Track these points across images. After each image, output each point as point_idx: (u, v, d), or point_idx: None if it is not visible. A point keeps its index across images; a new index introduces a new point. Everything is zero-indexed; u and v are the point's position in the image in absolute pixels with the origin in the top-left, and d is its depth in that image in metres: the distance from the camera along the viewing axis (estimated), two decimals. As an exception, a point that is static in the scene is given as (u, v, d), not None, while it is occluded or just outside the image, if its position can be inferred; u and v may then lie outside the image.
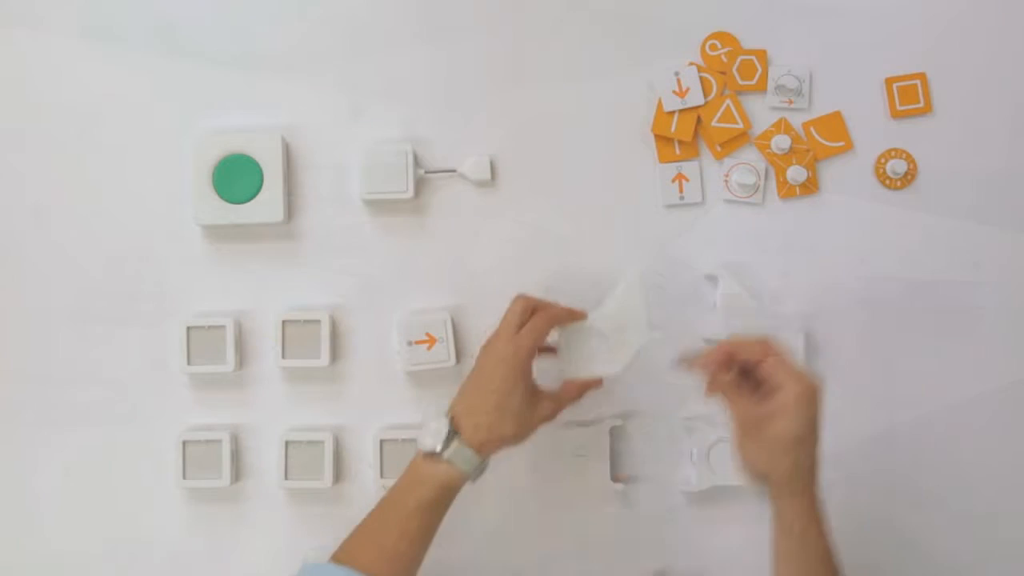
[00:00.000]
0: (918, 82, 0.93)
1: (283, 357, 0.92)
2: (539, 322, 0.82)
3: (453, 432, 0.78)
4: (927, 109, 0.94)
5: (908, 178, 0.94)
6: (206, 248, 0.95)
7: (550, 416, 0.83)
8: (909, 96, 0.94)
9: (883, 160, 0.94)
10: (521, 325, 0.81)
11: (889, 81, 0.94)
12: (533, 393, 0.81)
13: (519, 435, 0.81)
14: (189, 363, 0.92)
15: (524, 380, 0.80)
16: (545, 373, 0.84)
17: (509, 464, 0.94)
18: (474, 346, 0.94)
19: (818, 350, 0.94)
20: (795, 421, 0.73)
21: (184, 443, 0.92)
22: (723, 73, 0.94)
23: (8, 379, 0.95)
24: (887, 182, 0.95)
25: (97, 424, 0.94)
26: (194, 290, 0.94)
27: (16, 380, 0.95)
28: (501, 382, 0.79)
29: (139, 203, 0.95)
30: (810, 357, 0.93)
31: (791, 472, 0.75)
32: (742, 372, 0.77)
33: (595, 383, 0.86)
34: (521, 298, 0.83)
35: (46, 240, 0.95)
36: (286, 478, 0.92)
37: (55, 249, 0.95)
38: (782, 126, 0.94)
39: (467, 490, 0.92)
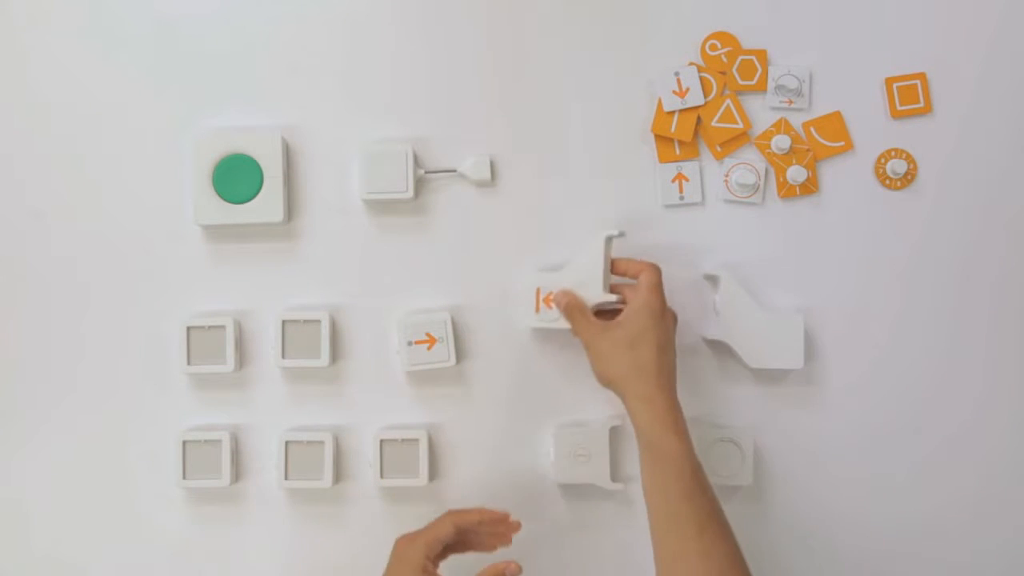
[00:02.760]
0: (918, 82, 0.93)
1: (283, 357, 0.92)
2: (437, 530, 0.82)
3: None
4: (927, 109, 0.94)
5: (908, 178, 0.94)
6: (206, 248, 0.95)
7: None
8: (909, 96, 0.94)
9: (883, 160, 0.94)
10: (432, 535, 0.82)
11: (889, 81, 0.94)
12: None
13: None
14: (189, 363, 0.92)
15: None
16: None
17: (509, 464, 0.94)
18: (474, 346, 0.94)
19: (818, 350, 0.94)
20: (628, 321, 0.82)
21: (184, 443, 0.92)
22: (723, 73, 0.94)
23: (8, 379, 0.95)
24: (887, 182, 0.95)
25: (97, 424, 0.94)
26: (194, 290, 0.94)
27: (15, 380, 0.95)
28: None
29: (139, 203, 0.95)
30: (810, 356, 0.93)
31: (629, 375, 0.80)
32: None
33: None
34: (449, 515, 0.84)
35: (46, 240, 0.95)
36: (286, 478, 0.92)
37: (55, 249, 0.95)
38: (782, 126, 0.94)
39: (467, 489, 0.92)
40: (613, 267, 0.88)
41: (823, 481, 0.94)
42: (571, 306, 0.86)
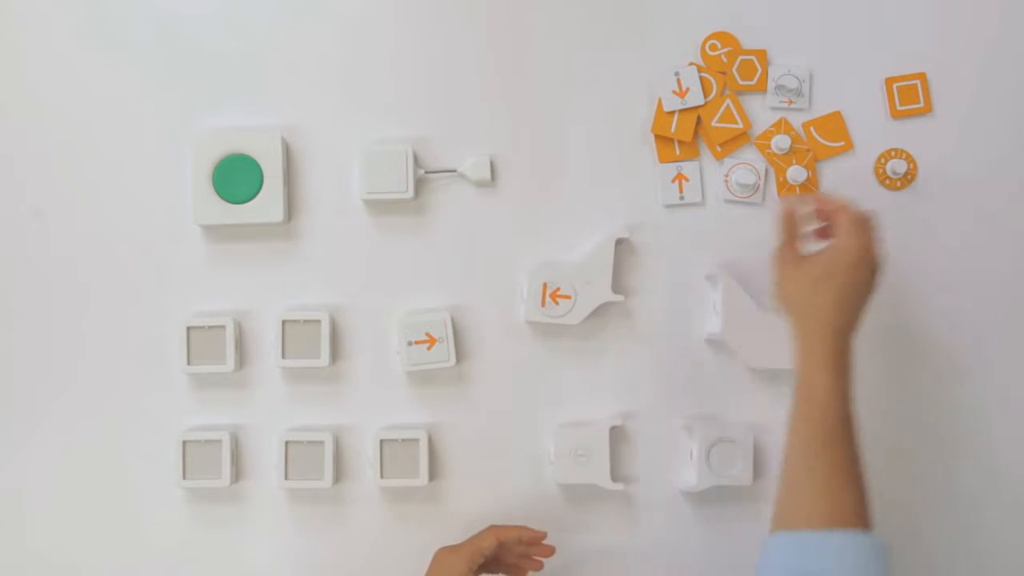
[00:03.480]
0: (918, 82, 0.93)
1: (283, 357, 0.92)
2: (480, 542, 0.84)
3: None
4: (927, 109, 0.94)
5: (908, 178, 0.94)
6: (206, 248, 0.95)
7: None
8: (909, 96, 0.94)
9: (883, 160, 0.94)
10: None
11: (889, 81, 0.94)
12: None
13: None
14: (189, 363, 0.92)
15: None
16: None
17: (509, 464, 0.94)
18: (474, 346, 0.94)
19: (818, 350, 0.94)
20: (821, 259, 0.77)
21: (184, 443, 0.92)
22: (723, 73, 0.94)
23: (7, 379, 0.95)
24: (887, 182, 0.95)
25: (97, 424, 0.94)
26: (194, 290, 0.94)
27: (15, 380, 0.95)
28: None
29: (139, 203, 0.95)
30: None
31: (803, 309, 0.77)
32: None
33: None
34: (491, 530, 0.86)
35: (46, 240, 0.95)
36: (286, 478, 0.92)
37: (54, 249, 0.95)
38: (782, 126, 0.94)
39: (467, 489, 0.92)
40: (817, 207, 0.84)
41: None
42: (787, 217, 0.83)
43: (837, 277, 0.76)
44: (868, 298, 0.78)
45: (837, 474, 0.73)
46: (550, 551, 0.88)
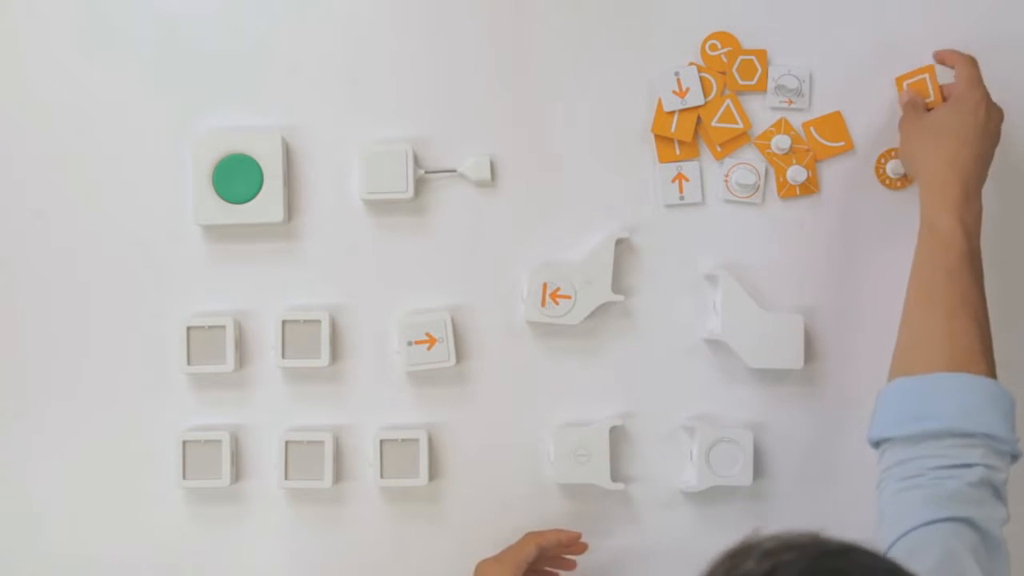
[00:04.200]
0: (927, 76, 0.93)
1: (283, 357, 0.92)
2: (522, 551, 0.84)
3: None
4: (938, 102, 0.93)
5: (908, 178, 0.94)
6: (206, 248, 0.95)
7: None
8: (920, 92, 0.93)
9: (883, 160, 0.94)
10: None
11: (899, 80, 0.93)
12: None
13: None
14: (189, 363, 0.92)
15: None
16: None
17: (509, 464, 0.94)
18: (474, 346, 0.94)
19: (818, 350, 0.94)
20: (943, 112, 0.83)
21: (184, 443, 0.92)
22: (723, 73, 0.94)
23: (7, 379, 0.95)
24: (887, 182, 0.95)
25: (97, 424, 0.94)
26: (194, 290, 0.94)
27: (15, 380, 0.95)
28: None
29: (139, 203, 0.95)
30: (810, 357, 0.93)
31: (927, 158, 0.81)
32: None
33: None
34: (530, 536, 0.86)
35: (46, 240, 0.95)
36: (286, 478, 0.92)
37: (55, 249, 0.95)
38: (782, 126, 0.94)
39: (467, 489, 0.92)
40: (936, 58, 0.91)
41: (823, 481, 0.94)
42: (910, 103, 0.89)
43: (956, 125, 0.81)
44: (989, 145, 0.81)
45: (958, 317, 0.72)
46: (584, 548, 0.88)
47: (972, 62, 0.86)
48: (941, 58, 0.89)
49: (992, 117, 0.82)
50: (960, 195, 0.77)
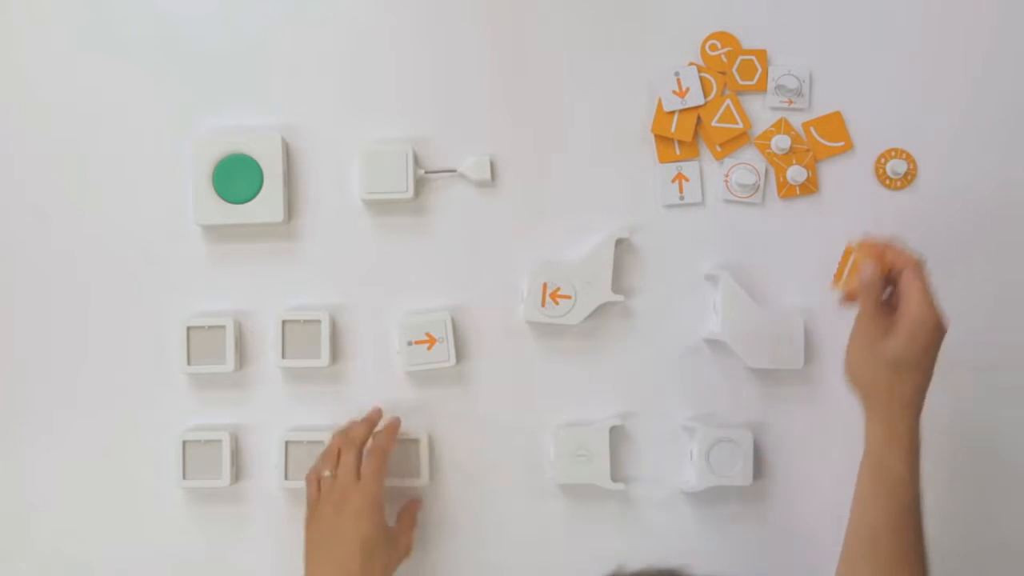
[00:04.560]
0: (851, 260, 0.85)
1: (283, 357, 0.92)
2: (376, 463, 0.84)
3: None
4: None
5: (908, 178, 0.94)
6: (206, 248, 0.95)
7: (407, 552, 0.86)
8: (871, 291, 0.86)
9: (883, 160, 0.94)
10: (356, 467, 0.84)
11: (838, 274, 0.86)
12: (389, 538, 0.83)
13: None
14: (189, 363, 0.92)
15: (383, 531, 0.82)
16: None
17: (509, 464, 0.94)
18: (474, 346, 0.94)
19: (818, 350, 0.94)
20: (902, 343, 0.73)
21: (184, 443, 0.92)
22: (723, 73, 0.94)
23: (7, 379, 0.95)
24: (887, 182, 0.95)
25: (97, 424, 0.94)
26: (194, 290, 0.94)
27: (15, 380, 0.95)
28: (362, 541, 0.81)
29: (139, 203, 0.95)
30: (810, 357, 0.93)
31: (881, 393, 0.74)
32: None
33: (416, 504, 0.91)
34: (338, 436, 0.86)
35: (46, 240, 0.95)
36: (286, 478, 0.92)
37: (55, 249, 0.95)
38: (782, 126, 0.94)
39: (467, 489, 0.92)
40: (869, 254, 0.79)
41: (823, 480, 0.94)
42: (870, 284, 0.76)
43: (920, 360, 0.73)
44: (933, 365, 0.75)
45: (901, 562, 0.71)
46: (396, 424, 0.90)
47: (921, 268, 0.75)
48: (879, 254, 0.77)
49: (941, 337, 0.75)
50: (914, 438, 0.74)
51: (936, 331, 0.74)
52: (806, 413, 0.94)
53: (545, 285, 0.91)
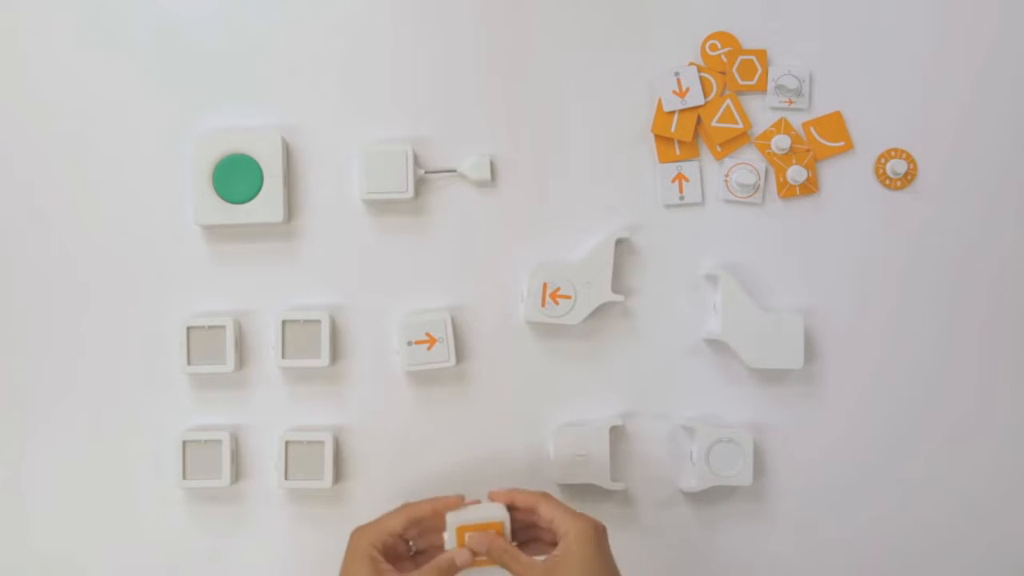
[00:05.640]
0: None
1: (283, 357, 0.92)
2: (388, 519, 0.79)
3: None
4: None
5: (908, 178, 0.94)
6: (206, 248, 0.95)
7: None
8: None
9: (883, 160, 0.94)
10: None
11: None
12: None
13: None
14: (189, 363, 0.92)
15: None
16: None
17: (509, 464, 0.94)
18: (474, 346, 0.94)
19: (818, 351, 0.94)
20: (581, 562, 0.71)
21: (184, 443, 0.92)
22: (723, 73, 0.94)
23: (7, 379, 0.95)
24: (887, 182, 0.95)
25: (97, 424, 0.94)
26: (194, 290, 0.94)
27: (15, 380, 0.95)
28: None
29: (139, 203, 0.95)
30: (809, 358, 0.93)
31: None
32: (519, 528, 0.77)
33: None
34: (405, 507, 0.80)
35: (45, 240, 0.95)
36: (286, 478, 0.92)
37: (54, 249, 0.95)
38: (782, 126, 0.94)
39: (467, 489, 0.91)
40: (500, 499, 0.80)
41: (823, 481, 0.94)
42: (497, 549, 0.76)
43: (600, 572, 0.71)
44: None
45: None
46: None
47: (551, 496, 0.76)
48: (509, 499, 0.77)
49: (605, 536, 0.74)
50: None
51: (599, 534, 0.74)
52: (806, 413, 0.94)
53: (545, 285, 0.91)
